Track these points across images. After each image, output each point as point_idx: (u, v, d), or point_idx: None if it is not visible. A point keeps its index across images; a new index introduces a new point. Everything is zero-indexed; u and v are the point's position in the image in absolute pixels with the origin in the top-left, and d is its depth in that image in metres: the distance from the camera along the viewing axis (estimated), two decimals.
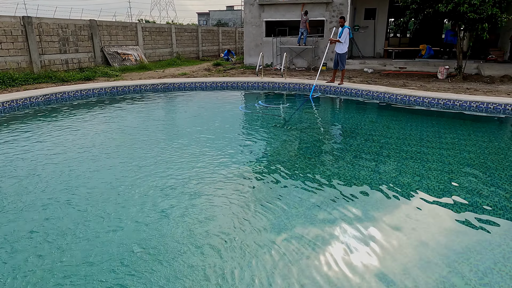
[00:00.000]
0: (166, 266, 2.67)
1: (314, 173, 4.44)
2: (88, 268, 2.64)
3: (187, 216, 3.38)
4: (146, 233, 3.09)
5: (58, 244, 2.94)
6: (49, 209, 3.51)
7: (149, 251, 2.85)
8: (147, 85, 10.74)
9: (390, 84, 10.74)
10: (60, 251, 2.85)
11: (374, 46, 17.26)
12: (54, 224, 3.25)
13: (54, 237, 3.04)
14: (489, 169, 4.53)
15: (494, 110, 7.73)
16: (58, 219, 3.34)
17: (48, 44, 12.97)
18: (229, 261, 2.74)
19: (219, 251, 2.86)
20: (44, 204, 3.62)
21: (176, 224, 3.25)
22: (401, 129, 6.48)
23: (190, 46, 21.78)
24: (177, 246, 2.91)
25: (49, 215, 3.41)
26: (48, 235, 3.07)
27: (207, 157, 4.94)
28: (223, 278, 2.55)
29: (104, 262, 2.71)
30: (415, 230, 3.20)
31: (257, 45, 16.42)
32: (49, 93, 8.98)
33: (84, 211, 3.47)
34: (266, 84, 11.19)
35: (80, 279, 2.53)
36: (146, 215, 3.40)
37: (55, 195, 3.83)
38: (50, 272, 2.60)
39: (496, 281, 2.53)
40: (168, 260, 2.74)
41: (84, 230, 3.15)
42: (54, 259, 2.75)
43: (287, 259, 2.76)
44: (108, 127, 6.63)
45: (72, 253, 2.82)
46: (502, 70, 12.01)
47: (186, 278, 2.55)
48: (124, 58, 15.99)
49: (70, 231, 3.12)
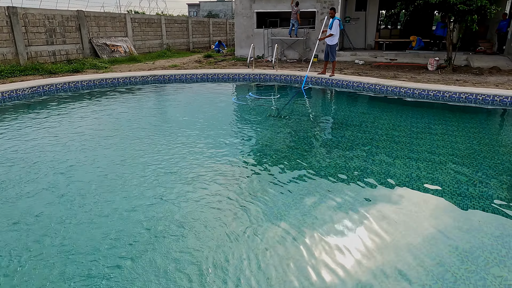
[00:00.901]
0: (156, 254, 2.66)
1: (305, 163, 4.45)
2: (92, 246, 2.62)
3: (178, 204, 3.36)
4: (135, 220, 3.08)
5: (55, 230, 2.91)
6: (36, 201, 3.47)
7: (140, 238, 2.83)
8: (137, 77, 10.60)
9: (380, 75, 10.78)
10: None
11: (365, 37, 17.27)
12: (37, 219, 3.20)
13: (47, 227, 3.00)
14: (477, 159, 4.59)
15: (482, 101, 7.81)
16: (44, 215, 3.30)
17: (35, 36, 12.68)
18: (218, 250, 2.74)
19: (209, 240, 2.86)
20: (31, 195, 3.57)
21: (168, 211, 3.23)
22: (391, 120, 6.52)
23: (180, 37, 21.52)
24: (169, 232, 2.90)
25: (35, 208, 3.36)
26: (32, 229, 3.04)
27: (198, 148, 4.91)
28: (212, 267, 2.55)
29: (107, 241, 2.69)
30: (405, 219, 3.23)
31: (248, 36, 16.30)
32: (36, 86, 8.80)
33: (72, 202, 3.43)
34: (257, 76, 11.14)
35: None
36: (135, 205, 3.37)
37: (41, 186, 3.78)
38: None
39: (483, 268, 2.57)
40: (159, 247, 2.73)
41: (73, 218, 3.12)
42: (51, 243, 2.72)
43: (278, 249, 2.77)
44: (98, 120, 6.53)
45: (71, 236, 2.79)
46: (491, 62, 12.13)
47: (175, 265, 2.54)
48: (113, 50, 15.74)
49: (60, 221, 3.09)
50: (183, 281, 2.44)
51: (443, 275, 2.50)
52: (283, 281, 2.45)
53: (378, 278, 2.47)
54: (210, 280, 2.45)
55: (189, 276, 2.49)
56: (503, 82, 9.43)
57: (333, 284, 2.43)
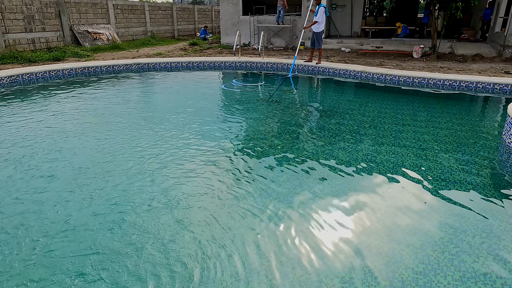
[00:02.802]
0: (146, 241, 2.63)
1: (292, 151, 4.45)
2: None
3: (168, 193, 3.33)
4: (124, 208, 3.03)
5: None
6: (20, 192, 3.38)
7: (131, 225, 2.79)
8: (120, 66, 10.37)
9: (367, 63, 10.81)
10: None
11: (352, 25, 17.25)
12: (11, 219, 3.13)
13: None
14: (461, 145, 4.67)
15: (466, 88, 7.93)
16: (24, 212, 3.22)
17: (12, 22, 12.22)
18: (210, 236, 2.73)
19: (200, 228, 2.84)
20: (17, 184, 3.48)
21: (158, 200, 3.19)
22: (377, 107, 6.57)
23: (165, 25, 21.08)
24: (160, 220, 2.87)
25: (20, 198, 3.28)
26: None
27: (185, 137, 4.85)
28: (203, 254, 2.54)
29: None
30: (391, 204, 3.28)
31: (234, 24, 16.07)
32: (15, 74, 8.52)
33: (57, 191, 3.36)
34: (243, 63, 11.03)
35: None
36: (124, 193, 3.32)
37: (21, 176, 3.68)
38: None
39: (466, 251, 2.63)
40: (150, 236, 2.70)
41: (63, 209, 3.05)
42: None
43: (268, 237, 2.78)
44: (80, 109, 6.37)
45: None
46: (474, 49, 12.30)
47: (166, 254, 2.53)
48: (95, 38, 15.32)
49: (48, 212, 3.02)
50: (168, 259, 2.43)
51: (427, 258, 2.55)
52: (268, 266, 2.46)
53: (364, 261, 2.51)
54: (201, 261, 2.44)
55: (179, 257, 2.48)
56: (486, 69, 9.59)
57: (321, 268, 2.45)
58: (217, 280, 2.34)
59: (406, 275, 2.39)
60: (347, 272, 2.42)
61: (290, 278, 2.37)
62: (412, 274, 2.40)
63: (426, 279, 2.36)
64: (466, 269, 2.45)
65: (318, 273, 2.42)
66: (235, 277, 2.37)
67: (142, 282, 2.32)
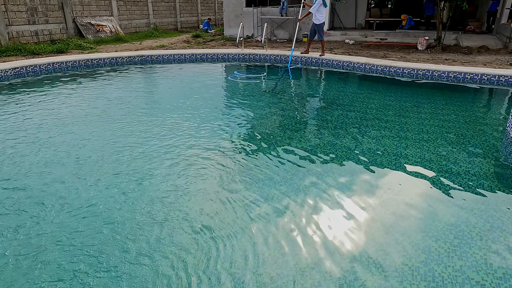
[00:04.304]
0: (145, 233, 2.67)
1: (295, 143, 4.45)
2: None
3: (169, 184, 3.36)
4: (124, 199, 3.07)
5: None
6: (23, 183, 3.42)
7: (131, 217, 2.83)
8: (123, 58, 10.36)
9: (371, 55, 10.74)
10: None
11: (356, 17, 17.11)
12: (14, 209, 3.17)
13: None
14: (465, 137, 4.66)
15: (471, 80, 7.87)
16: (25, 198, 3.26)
17: (15, 14, 12.22)
18: (210, 228, 2.76)
19: (201, 220, 2.87)
20: (17, 178, 3.52)
21: (159, 191, 3.22)
22: (381, 99, 6.54)
23: (168, 17, 20.99)
24: (160, 210, 2.90)
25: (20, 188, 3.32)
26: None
27: (188, 128, 4.87)
28: (203, 246, 2.57)
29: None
30: (395, 196, 3.29)
31: (237, 15, 15.98)
32: (19, 66, 8.55)
33: (63, 182, 3.39)
34: (247, 56, 10.99)
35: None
36: (125, 185, 3.35)
37: (30, 169, 3.72)
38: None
39: (467, 242, 2.65)
40: (148, 228, 2.74)
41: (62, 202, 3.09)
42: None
43: (270, 228, 2.80)
44: (84, 101, 6.40)
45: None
46: (479, 41, 12.16)
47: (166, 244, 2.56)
48: (99, 30, 15.30)
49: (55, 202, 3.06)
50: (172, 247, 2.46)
51: (429, 249, 2.56)
52: (273, 256, 2.48)
53: (366, 251, 2.53)
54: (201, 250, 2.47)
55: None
56: (491, 61, 9.49)
57: (322, 257, 2.47)
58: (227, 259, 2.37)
59: (410, 264, 2.41)
60: (348, 262, 2.44)
61: (292, 267, 2.39)
62: (416, 264, 2.41)
63: (427, 268, 2.37)
64: (467, 258, 2.46)
65: (321, 262, 2.44)
66: (244, 261, 2.40)
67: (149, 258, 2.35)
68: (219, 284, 2.24)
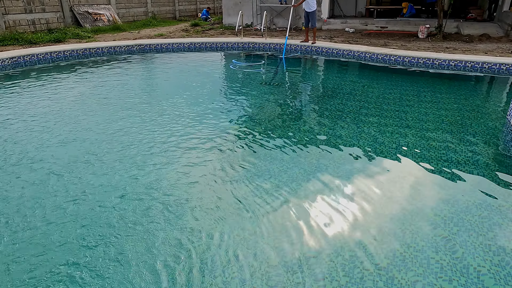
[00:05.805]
0: (143, 227, 2.68)
1: (295, 132, 4.44)
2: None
3: (168, 174, 3.36)
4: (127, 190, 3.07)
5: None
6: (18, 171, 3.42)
7: (130, 209, 2.84)
8: (121, 47, 10.27)
9: (371, 43, 10.65)
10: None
11: (356, 4, 16.88)
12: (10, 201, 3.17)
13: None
14: (465, 126, 4.65)
15: (471, 69, 7.82)
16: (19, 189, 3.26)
17: (12, 3, 12.06)
18: (208, 219, 2.77)
19: (199, 211, 2.88)
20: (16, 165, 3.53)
21: (157, 182, 3.23)
22: (381, 88, 6.50)
23: (166, 5, 20.72)
24: (159, 201, 2.91)
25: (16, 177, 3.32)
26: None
27: (187, 117, 4.85)
28: (199, 236, 2.59)
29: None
30: (394, 185, 3.29)
31: (236, 3, 15.77)
32: (17, 56, 8.47)
33: (60, 176, 3.40)
34: (246, 44, 10.90)
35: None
36: (127, 175, 3.36)
37: (23, 161, 3.72)
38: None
39: (467, 228, 2.66)
40: (146, 220, 2.75)
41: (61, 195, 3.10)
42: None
43: (269, 217, 2.81)
44: (82, 90, 6.36)
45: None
46: (481, 29, 12.04)
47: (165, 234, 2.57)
48: (96, 19, 15.12)
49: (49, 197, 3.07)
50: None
51: (432, 237, 2.58)
52: (271, 245, 2.50)
53: (365, 239, 2.54)
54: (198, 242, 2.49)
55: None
56: (492, 49, 9.42)
57: (321, 247, 2.49)
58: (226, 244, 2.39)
59: (409, 252, 2.43)
60: (348, 250, 2.46)
61: (295, 255, 2.41)
62: (413, 252, 2.43)
63: (423, 256, 2.39)
64: (467, 246, 2.48)
65: (322, 251, 2.46)
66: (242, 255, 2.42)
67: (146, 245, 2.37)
68: (228, 265, 2.26)
